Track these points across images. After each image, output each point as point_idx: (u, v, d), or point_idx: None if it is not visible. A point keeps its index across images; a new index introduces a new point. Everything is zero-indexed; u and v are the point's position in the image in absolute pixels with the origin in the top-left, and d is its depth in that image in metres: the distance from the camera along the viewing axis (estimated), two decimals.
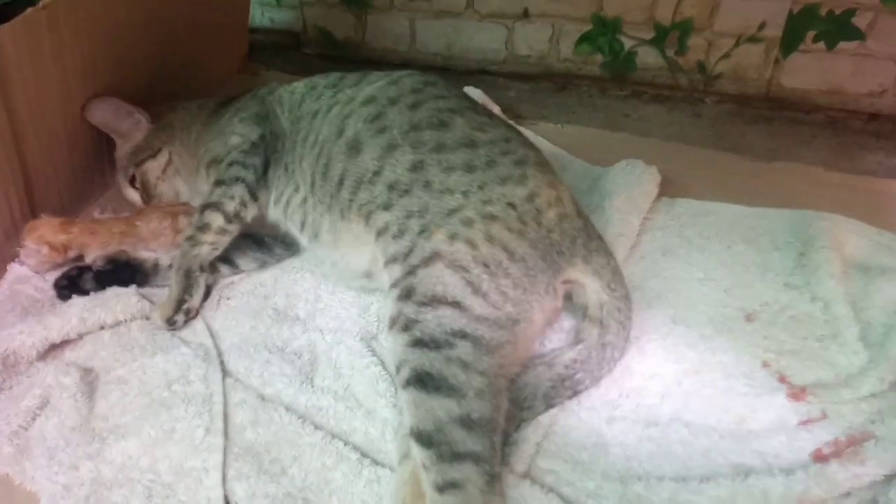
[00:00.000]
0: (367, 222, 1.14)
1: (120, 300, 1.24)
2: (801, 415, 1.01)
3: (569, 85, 2.08)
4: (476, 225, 1.02)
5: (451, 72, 2.18)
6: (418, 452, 0.90)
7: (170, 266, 1.33)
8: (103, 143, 1.47)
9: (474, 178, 1.07)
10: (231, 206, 1.27)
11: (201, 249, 1.26)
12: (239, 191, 1.28)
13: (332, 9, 2.23)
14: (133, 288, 1.28)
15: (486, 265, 1.00)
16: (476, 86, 1.85)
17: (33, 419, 1.08)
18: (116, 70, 1.41)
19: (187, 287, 1.24)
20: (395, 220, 1.08)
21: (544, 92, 2.07)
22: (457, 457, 0.88)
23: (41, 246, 1.30)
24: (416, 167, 1.10)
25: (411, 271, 1.01)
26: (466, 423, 0.89)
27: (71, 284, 1.29)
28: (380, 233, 1.10)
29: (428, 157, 1.10)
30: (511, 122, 1.75)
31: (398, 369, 0.96)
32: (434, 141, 1.12)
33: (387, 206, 1.10)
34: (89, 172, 1.48)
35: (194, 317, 1.26)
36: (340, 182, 1.18)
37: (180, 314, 1.23)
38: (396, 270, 1.04)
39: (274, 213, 1.34)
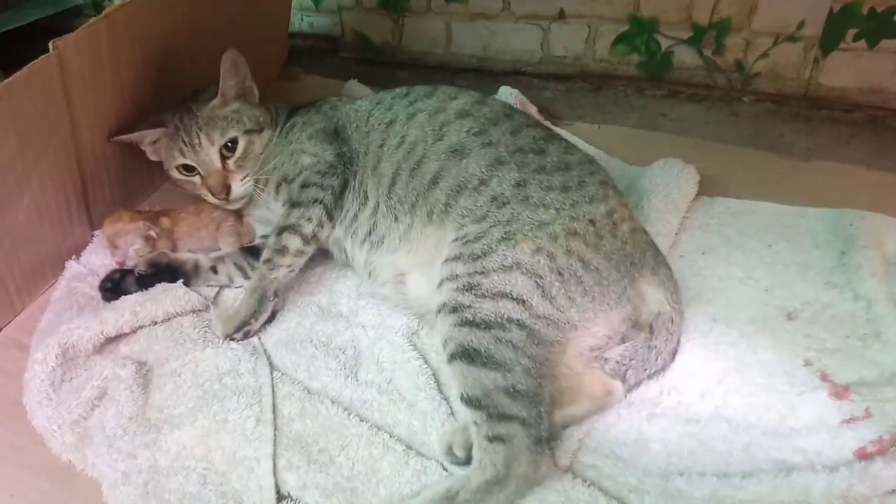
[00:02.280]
0: (458, 229, 1.15)
1: (168, 293, 1.28)
2: (843, 413, 1.01)
3: (605, 85, 2.09)
4: (559, 240, 1.08)
5: (486, 73, 2.20)
6: (468, 413, 0.97)
7: (211, 268, 1.37)
8: None
9: (568, 197, 1.13)
10: (309, 228, 1.27)
11: (279, 273, 1.26)
12: (317, 212, 1.27)
13: (369, 13, 2.27)
14: (180, 282, 1.32)
15: (560, 273, 1.05)
16: (512, 86, 1.87)
17: (93, 409, 1.13)
18: (165, 76, 1.46)
19: (256, 312, 1.25)
20: (481, 229, 1.11)
21: (580, 92, 2.08)
22: (504, 417, 0.95)
23: (135, 225, 1.35)
24: (520, 184, 1.15)
25: (482, 271, 1.05)
26: (511, 393, 0.96)
27: (115, 287, 1.33)
28: (459, 239, 1.13)
29: (531, 176, 1.16)
30: (547, 122, 1.79)
31: (444, 345, 1.03)
32: (536, 164, 1.18)
33: (482, 219, 1.13)
34: (139, 174, 1.54)
35: (252, 336, 1.27)
36: (434, 181, 1.20)
37: (240, 334, 1.25)
38: (460, 267, 1.08)
39: (336, 233, 1.33)
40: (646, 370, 1.10)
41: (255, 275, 1.28)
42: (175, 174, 1.40)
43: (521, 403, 0.95)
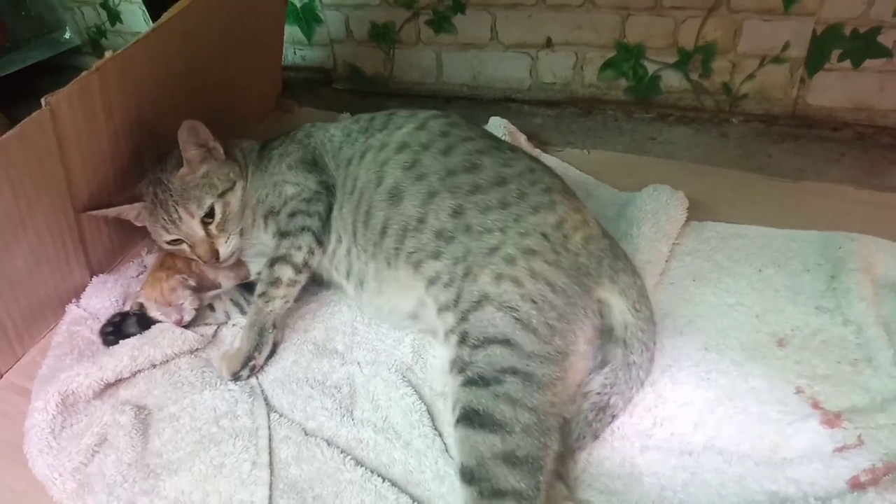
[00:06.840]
0: (415, 270, 1.16)
1: (165, 335, 1.30)
2: (836, 441, 1.02)
3: (594, 110, 2.11)
4: (518, 262, 1.06)
5: (477, 101, 2.22)
6: (461, 491, 0.93)
7: (208, 305, 1.39)
8: None
9: (510, 213, 1.11)
10: (300, 257, 1.27)
11: (274, 304, 1.27)
12: (307, 240, 1.28)
13: (360, 45, 2.30)
14: None
15: (533, 301, 1.03)
16: (502, 114, 1.89)
17: (93, 456, 1.14)
18: (160, 119, 1.47)
19: (258, 345, 1.26)
20: (445, 268, 1.12)
21: (570, 118, 2.10)
22: (497, 494, 0.89)
23: (176, 280, 1.35)
24: (457, 212, 1.14)
25: (463, 317, 1.05)
26: (510, 459, 0.91)
27: (116, 331, 1.35)
28: (431, 282, 1.14)
29: (465, 200, 1.14)
30: (537, 150, 1.81)
31: (452, 410, 1.00)
32: (469, 184, 1.16)
33: (436, 255, 1.13)
34: None
35: (259, 371, 1.28)
36: (384, 231, 1.21)
37: (246, 370, 1.26)
38: (450, 318, 1.08)
39: (323, 262, 1.35)
40: (631, 388, 1.10)
41: (251, 309, 1.29)
42: (165, 247, 1.40)
43: (519, 472, 0.90)
